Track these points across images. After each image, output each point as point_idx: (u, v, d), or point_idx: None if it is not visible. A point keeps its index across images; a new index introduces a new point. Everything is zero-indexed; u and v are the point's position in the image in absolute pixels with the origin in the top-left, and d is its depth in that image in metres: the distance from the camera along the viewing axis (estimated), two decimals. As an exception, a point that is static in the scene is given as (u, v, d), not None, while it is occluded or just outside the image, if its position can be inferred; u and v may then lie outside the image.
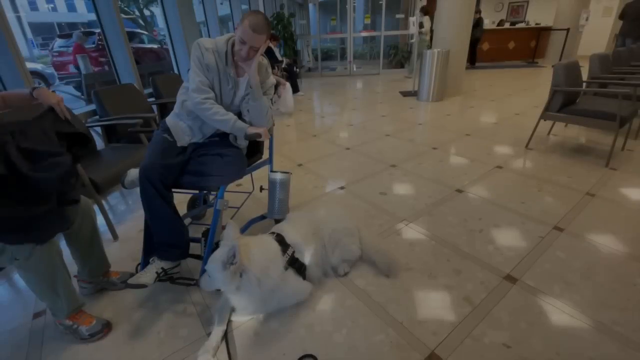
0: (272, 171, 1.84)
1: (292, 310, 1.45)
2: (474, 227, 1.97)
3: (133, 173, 1.53)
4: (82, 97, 7.10)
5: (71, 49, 7.90)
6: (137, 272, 1.47)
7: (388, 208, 2.23)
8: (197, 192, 1.77)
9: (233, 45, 1.54)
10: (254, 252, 1.32)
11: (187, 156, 1.59)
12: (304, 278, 1.49)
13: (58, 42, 8.14)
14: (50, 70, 8.70)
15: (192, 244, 1.58)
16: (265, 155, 1.97)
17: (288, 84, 4.81)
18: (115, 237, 2.08)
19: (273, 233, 1.52)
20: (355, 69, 9.11)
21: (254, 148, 1.88)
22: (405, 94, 5.92)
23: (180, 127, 1.62)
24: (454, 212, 2.14)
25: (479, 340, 1.27)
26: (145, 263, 1.49)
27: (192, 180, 1.51)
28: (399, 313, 1.41)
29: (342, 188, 2.56)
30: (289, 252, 1.45)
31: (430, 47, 7.59)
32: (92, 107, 2.74)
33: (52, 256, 1.25)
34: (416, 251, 1.79)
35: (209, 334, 1.33)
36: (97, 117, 2.65)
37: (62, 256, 1.31)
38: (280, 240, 1.48)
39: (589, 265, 1.62)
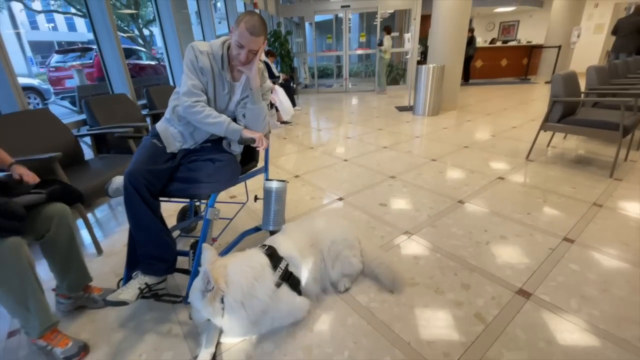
0: (267, 179, 1.74)
1: (288, 330, 1.33)
2: (480, 239, 1.87)
3: (118, 180, 1.43)
4: (76, 109, 7.03)
5: (68, 64, 7.92)
6: (118, 287, 1.34)
7: (389, 220, 2.13)
8: (187, 201, 1.65)
9: (229, 48, 1.48)
10: (232, 273, 1.20)
11: (177, 162, 1.49)
12: (299, 294, 1.37)
13: (55, 58, 8.15)
14: (46, 86, 8.69)
15: (180, 258, 1.46)
16: (261, 164, 1.88)
17: (277, 86, 4.80)
18: (99, 251, 1.94)
19: (264, 246, 1.41)
20: (350, 86, 9.20)
21: (249, 155, 1.79)
22: (401, 109, 5.93)
23: (170, 133, 1.54)
24: (458, 223, 2.05)
25: (494, 362, 1.15)
26: (128, 278, 1.37)
27: (181, 188, 1.41)
28: (405, 332, 1.29)
29: (340, 199, 2.47)
30: (282, 265, 1.33)
31: (390, 64, 7.91)
32: (83, 117, 2.65)
33: (20, 266, 1.12)
34: (421, 265, 1.68)
35: (195, 357, 1.20)
36: (87, 127, 2.57)
37: (34, 268, 1.18)
38: (272, 254, 1.36)
39: (604, 278, 1.52)
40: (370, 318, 1.36)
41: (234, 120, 1.57)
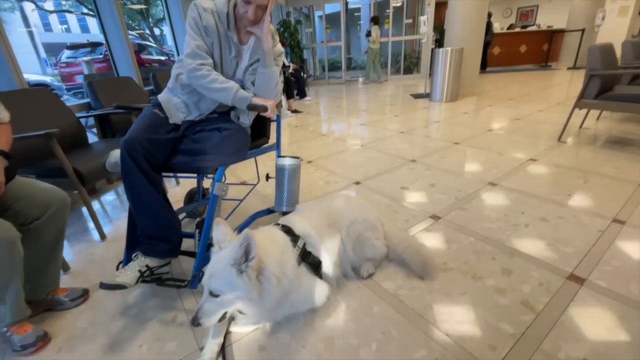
0: (279, 156, 1.58)
1: (306, 318, 1.17)
2: (517, 222, 1.67)
3: (116, 154, 1.29)
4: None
5: (79, 59, 7.93)
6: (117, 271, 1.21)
7: (413, 203, 1.95)
8: (193, 176, 1.51)
9: (235, 7, 1.32)
10: (261, 244, 1.02)
11: (180, 134, 1.35)
12: (320, 277, 1.21)
13: (66, 54, 8.19)
14: (59, 83, 8.75)
15: (185, 243, 1.32)
16: (273, 140, 1.72)
17: None
18: (102, 236, 1.83)
19: (277, 224, 1.25)
20: (361, 78, 8.97)
21: (259, 130, 1.64)
22: (417, 96, 5.69)
23: (173, 103, 1.39)
24: (491, 206, 1.85)
25: (552, 356, 0.97)
26: (127, 260, 1.23)
27: (185, 161, 1.26)
28: (442, 322, 1.11)
29: (357, 183, 2.29)
30: (299, 244, 1.17)
31: (378, 54, 7.84)
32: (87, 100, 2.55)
33: (12, 263, 1.01)
34: (452, 249, 1.50)
35: (201, 349, 1.05)
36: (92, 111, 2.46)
37: (21, 259, 1.06)
38: (287, 230, 1.20)
39: (671, 262, 1.31)
40: (399, 306, 1.19)
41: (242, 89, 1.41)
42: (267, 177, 1.71)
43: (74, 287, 1.35)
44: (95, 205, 2.35)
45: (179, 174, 1.32)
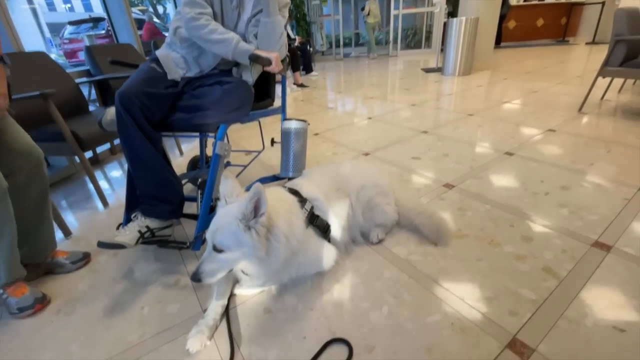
0: (285, 119, 1.49)
1: (313, 281, 1.11)
2: (536, 190, 1.58)
3: (113, 111, 1.21)
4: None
5: (81, 35, 7.79)
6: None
7: (425, 172, 1.86)
8: (195, 134, 1.43)
9: None
10: (270, 200, 0.92)
11: (179, 90, 1.26)
12: (328, 241, 1.15)
13: (69, 29, 8.05)
14: (62, 60, 8.63)
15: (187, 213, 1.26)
16: (278, 103, 1.63)
17: None
18: (105, 203, 1.79)
19: (284, 187, 1.18)
20: (375, 55, 8.68)
21: (263, 91, 1.54)
22: (428, 70, 5.48)
23: (172, 58, 1.30)
24: (508, 174, 1.75)
25: (577, 322, 0.90)
26: (127, 221, 1.18)
27: (184, 118, 1.18)
28: (457, 287, 1.05)
29: (366, 154, 2.20)
30: (307, 206, 1.10)
31: (375, 29, 7.60)
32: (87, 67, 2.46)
33: (3, 213, 0.96)
34: (468, 216, 1.42)
35: (204, 311, 1.01)
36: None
37: (11, 215, 1.01)
38: (294, 193, 1.13)
39: None
40: (412, 271, 1.13)
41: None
42: (272, 142, 1.62)
43: (75, 250, 1.32)
44: (99, 176, 2.30)
45: (179, 134, 1.24)
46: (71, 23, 8.19)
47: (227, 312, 1.00)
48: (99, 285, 1.20)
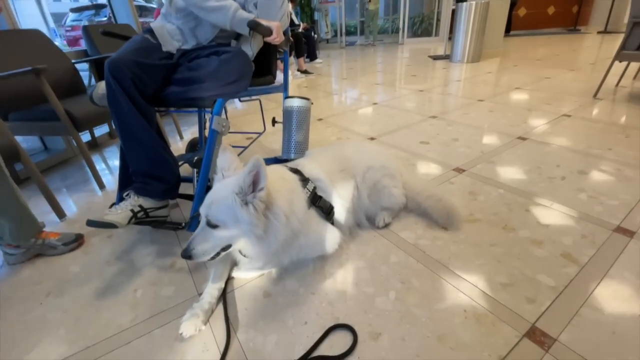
0: (287, 97, 1.41)
1: (315, 265, 1.05)
2: (552, 175, 1.49)
3: (104, 85, 1.15)
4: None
5: (84, 22, 7.69)
6: (110, 213, 1.10)
7: (433, 157, 1.78)
8: (192, 110, 1.36)
9: None
10: (270, 178, 0.86)
11: (175, 62, 1.19)
12: (332, 223, 1.08)
13: (71, 17, 7.95)
14: (66, 49, 8.56)
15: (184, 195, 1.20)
16: (279, 81, 1.55)
17: None
18: (101, 186, 1.73)
19: (285, 166, 1.11)
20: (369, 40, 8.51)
21: (264, 67, 1.46)
22: (436, 57, 5.33)
23: (167, 30, 1.22)
24: (521, 159, 1.67)
25: (601, 311, 0.83)
26: (120, 201, 1.12)
27: (178, 91, 1.11)
28: (469, 273, 0.98)
29: (372, 139, 2.12)
30: (309, 187, 1.03)
31: (376, 16, 7.40)
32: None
33: None
34: (480, 201, 1.34)
35: (201, 294, 0.95)
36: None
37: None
38: (296, 172, 1.06)
39: None
40: (420, 256, 1.06)
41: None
42: (274, 122, 1.55)
43: (67, 232, 1.26)
44: (97, 160, 2.24)
45: (174, 110, 1.17)
46: (73, 10, 8.09)
47: (224, 296, 0.94)
48: (92, 268, 1.15)
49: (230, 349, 0.81)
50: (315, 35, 6.36)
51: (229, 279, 1.01)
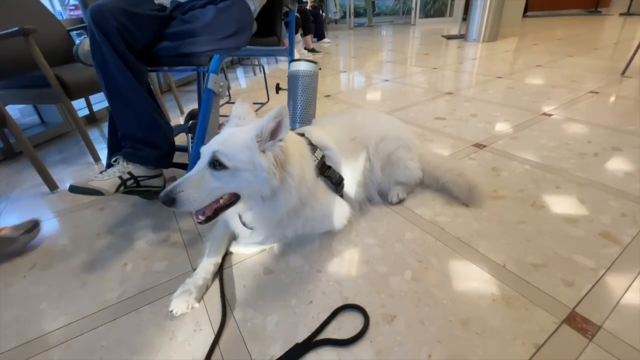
0: (292, 61, 1.29)
1: (322, 241, 0.95)
2: (583, 151, 1.36)
3: (91, 40, 1.03)
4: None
5: (86, 0, 7.51)
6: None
7: (451, 132, 1.65)
8: (187, 70, 1.24)
9: None
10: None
11: (168, 14, 1.06)
12: (341, 196, 0.98)
13: (74, -5, 7.77)
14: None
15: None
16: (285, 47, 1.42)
17: None
18: (96, 158, 1.65)
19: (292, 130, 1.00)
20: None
21: (267, 27, 1.33)
22: (450, 37, 5.09)
23: (160, -20, 1.09)
24: (547, 135, 1.53)
25: (652, 296, 0.72)
26: (108, 167, 1.02)
27: (170, 47, 0.99)
28: (495, 252, 0.87)
29: (383, 115, 1.99)
30: (317, 155, 0.92)
31: None
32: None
33: None
34: (504, 177, 1.22)
35: (195, 269, 0.86)
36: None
37: None
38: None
39: None
40: (439, 233, 0.95)
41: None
42: (278, 89, 1.43)
43: (22, 222, 1.05)
44: (96, 135, 2.15)
45: (167, 69, 1.06)
46: (76, -13, 7.89)
47: (220, 272, 0.85)
48: (81, 240, 1.06)
49: (225, 329, 0.72)
50: (324, 14, 6.12)
51: (227, 254, 0.92)
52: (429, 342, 0.66)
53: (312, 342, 0.66)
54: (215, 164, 0.71)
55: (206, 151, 0.72)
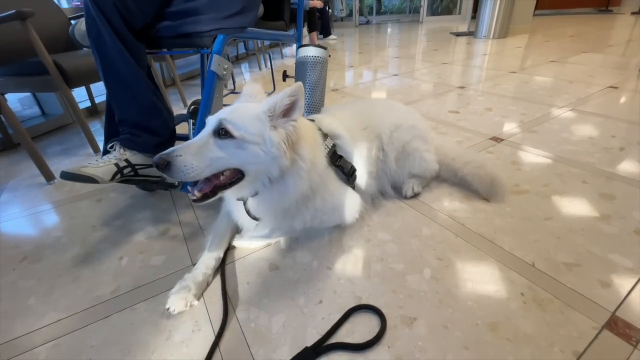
0: (300, 46, 1.22)
1: (332, 236, 0.88)
2: (608, 145, 1.28)
3: (88, 19, 0.97)
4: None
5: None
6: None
7: (465, 125, 1.57)
8: (190, 51, 1.18)
9: None
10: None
11: (170, -8, 1.00)
12: (353, 188, 0.91)
13: (79, -10, 7.77)
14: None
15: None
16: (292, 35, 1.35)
17: None
18: (95, 149, 1.59)
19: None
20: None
21: (274, 11, 1.26)
22: (459, 34, 4.99)
23: (162, -42, 1.03)
24: (568, 129, 1.45)
25: (702, 301, 0.64)
26: (104, 154, 0.96)
27: (171, 26, 0.93)
28: (522, 250, 0.80)
29: (393, 108, 1.91)
30: (328, 143, 0.85)
31: None
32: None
33: None
34: (526, 171, 1.14)
35: (195, 264, 0.79)
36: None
37: None
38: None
39: None
40: (459, 230, 0.88)
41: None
42: (285, 76, 1.36)
43: None
44: (97, 127, 2.10)
45: (167, 51, 1.00)
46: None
47: (222, 267, 0.79)
48: (75, 232, 1.00)
49: (227, 330, 0.65)
50: (330, 11, 6.05)
51: (229, 248, 0.85)
52: (454, 348, 0.59)
53: (323, 346, 0.59)
54: (221, 132, 0.64)
55: (212, 119, 0.67)
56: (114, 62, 0.87)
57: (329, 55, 1.24)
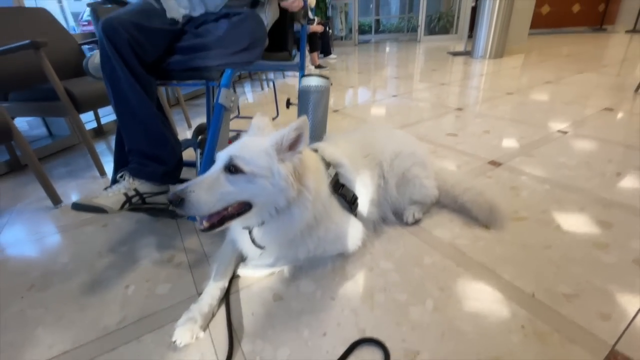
0: (303, 76, 1.26)
1: (335, 265, 0.90)
2: (605, 170, 1.31)
3: (101, 54, 1.02)
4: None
5: (99, 16, 7.72)
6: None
7: (464, 149, 1.60)
8: (199, 83, 1.22)
9: None
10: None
11: (180, 28, 1.05)
12: (355, 216, 0.93)
13: (87, 12, 7.99)
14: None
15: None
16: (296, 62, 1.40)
17: None
18: (102, 172, 1.62)
19: None
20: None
21: (279, 42, 1.31)
22: (456, 53, 5.11)
23: (173, -5, 1.08)
24: (565, 153, 1.48)
25: (702, 334, 0.65)
26: (114, 183, 0.99)
27: (181, 60, 0.97)
28: (523, 279, 0.81)
29: (393, 130, 1.95)
30: (330, 172, 0.88)
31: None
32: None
33: None
34: (523, 197, 1.17)
35: (201, 294, 0.81)
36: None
37: None
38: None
39: None
40: (460, 259, 0.90)
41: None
42: (288, 104, 1.40)
43: None
44: (103, 148, 2.14)
45: (176, 83, 1.04)
46: (90, 5, 8.13)
47: (227, 297, 0.80)
48: (82, 259, 1.02)
49: (232, 363, 0.66)
50: (330, 31, 6.21)
51: (234, 277, 0.87)
52: (457, 383, 0.59)
53: (327, 381, 0.60)
54: (232, 168, 0.67)
55: (222, 155, 0.70)
56: (125, 95, 0.91)
57: (331, 84, 1.28)
